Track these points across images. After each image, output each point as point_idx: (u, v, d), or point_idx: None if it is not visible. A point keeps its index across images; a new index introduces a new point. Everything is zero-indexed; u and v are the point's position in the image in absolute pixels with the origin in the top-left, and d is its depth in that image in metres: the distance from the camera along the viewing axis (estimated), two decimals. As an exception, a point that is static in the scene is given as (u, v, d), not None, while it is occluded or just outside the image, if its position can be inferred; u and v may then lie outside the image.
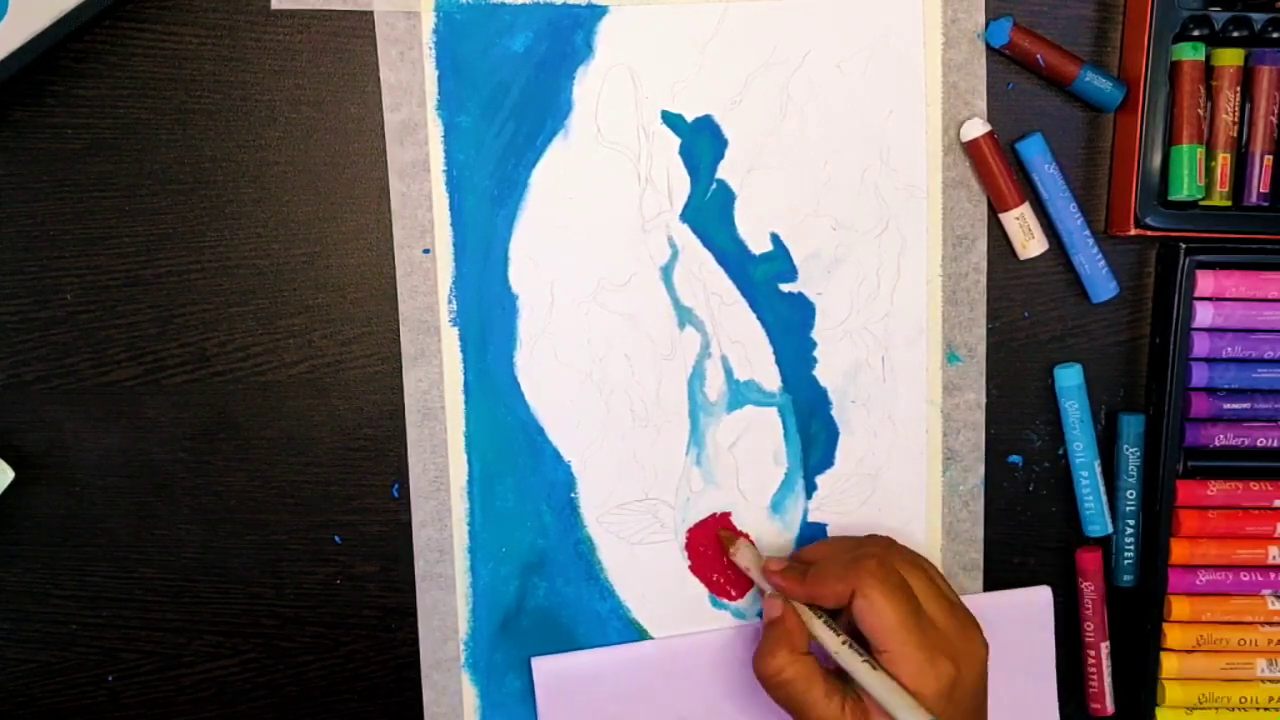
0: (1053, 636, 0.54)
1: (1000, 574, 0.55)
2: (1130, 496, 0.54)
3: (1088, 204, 0.53)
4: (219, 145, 0.49)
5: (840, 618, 0.47)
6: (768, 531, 0.53)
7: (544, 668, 0.52)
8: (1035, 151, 0.51)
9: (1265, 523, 0.53)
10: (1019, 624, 0.54)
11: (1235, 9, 0.50)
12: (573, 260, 0.51)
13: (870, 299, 0.52)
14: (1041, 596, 0.54)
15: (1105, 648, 0.54)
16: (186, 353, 0.50)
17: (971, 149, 0.51)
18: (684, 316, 0.52)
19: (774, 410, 0.53)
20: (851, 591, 0.45)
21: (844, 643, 0.45)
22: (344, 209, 0.50)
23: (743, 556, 0.51)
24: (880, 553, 0.46)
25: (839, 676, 0.46)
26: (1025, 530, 0.55)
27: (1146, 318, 0.54)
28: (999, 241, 0.53)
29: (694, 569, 0.53)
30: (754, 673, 0.47)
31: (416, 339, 0.50)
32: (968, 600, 0.53)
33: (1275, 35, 0.50)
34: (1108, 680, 0.55)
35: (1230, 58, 0.50)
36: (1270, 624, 0.53)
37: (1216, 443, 0.53)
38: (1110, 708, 0.55)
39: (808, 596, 0.47)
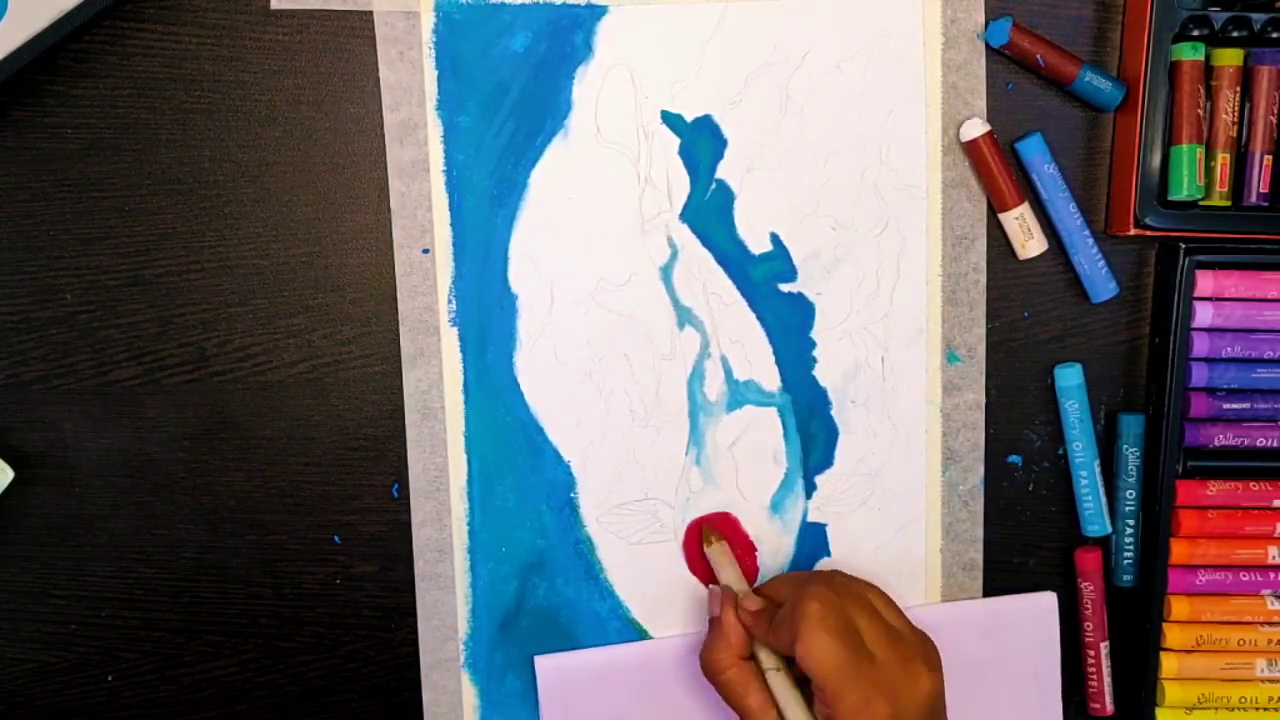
0: (1058, 642, 0.54)
1: (1000, 574, 0.55)
2: (1130, 496, 0.54)
3: (1087, 204, 0.53)
4: (219, 145, 0.49)
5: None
6: (768, 531, 0.53)
7: (546, 666, 0.52)
8: (1035, 151, 0.51)
9: (1265, 523, 0.53)
10: (1023, 630, 0.54)
11: (1235, 9, 0.50)
12: (572, 260, 0.51)
13: (870, 299, 0.52)
14: (1046, 602, 0.54)
15: (1105, 648, 0.54)
16: (186, 353, 0.50)
17: (971, 149, 0.51)
18: (683, 316, 0.52)
19: (773, 410, 0.53)
20: (793, 638, 0.45)
21: (784, 677, 0.47)
22: (344, 209, 0.50)
23: (714, 556, 0.51)
24: (820, 593, 0.46)
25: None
26: (1025, 530, 0.55)
27: (1146, 318, 0.54)
28: (999, 241, 0.53)
29: (693, 568, 0.53)
30: (699, 661, 0.49)
31: (416, 339, 0.50)
32: (971, 605, 0.54)
33: (1275, 35, 0.50)
34: (1107, 680, 0.55)
35: (1230, 58, 0.50)
36: (1270, 624, 0.53)
37: (1216, 443, 0.53)
38: (1110, 708, 0.55)
39: (770, 645, 0.48)
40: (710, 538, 0.52)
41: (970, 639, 0.53)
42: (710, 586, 0.50)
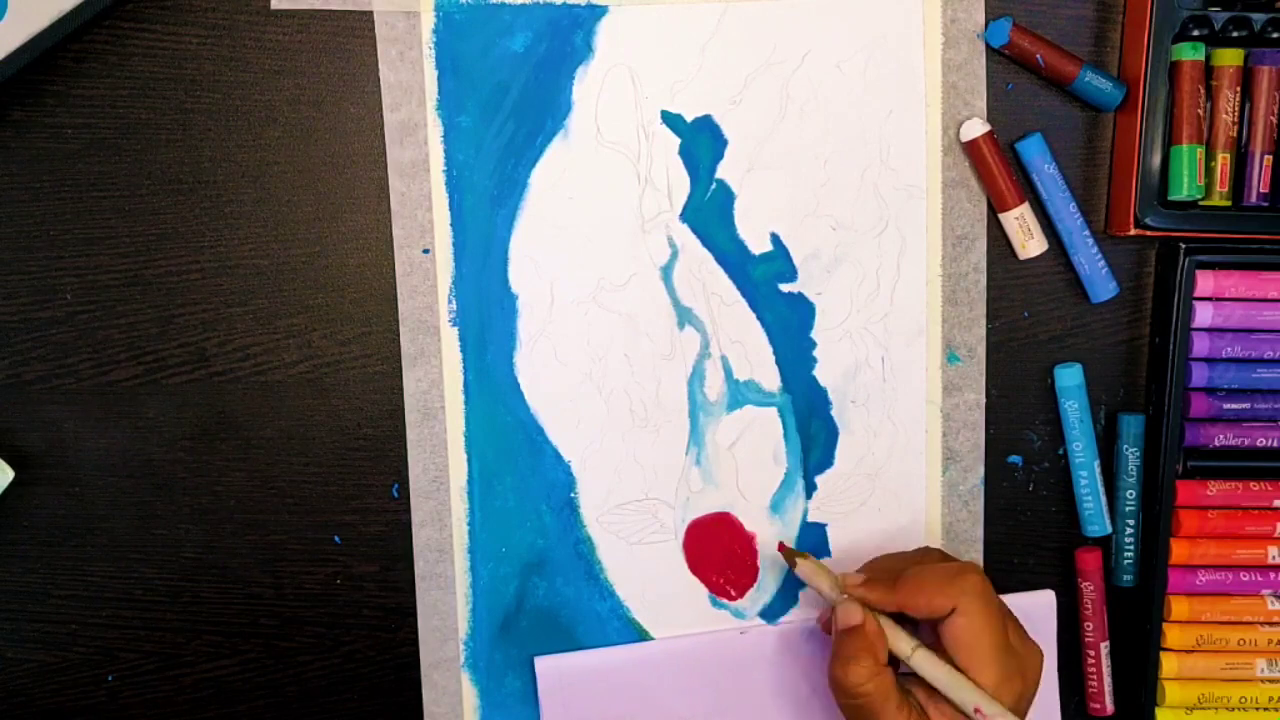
0: (1055, 640, 0.54)
1: (1000, 574, 0.55)
2: (1130, 496, 0.54)
3: (1088, 204, 0.53)
4: (219, 145, 0.49)
5: (917, 628, 0.47)
6: (768, 531, 0.53)
7: (546, 667, 0.52)
8: (1035, 151, 0.51)
9: (1265, 523, 0.53)
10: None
11: (1235, 9, 0.50)
12: (572, 260, 0.51)
13: (870, 299, 0.52)
14: (1044, 600, 0.54)
15: (1105, 648, 0.54)
16: (186, 353, 0.50)
17: (971, 149, 0.51)
18: (684, 316, 0.52)
19: (774, 410, 0.53)
20: (952, 607, 0.45)
21: (928, 651, 0.45)
22: (344, 209, 0.50)
23: (807, 570, 0.49)
24: (977, 568, 0.47)
25: (901, 687, 0.46)
26: (1025, 530, 0.55)
27: (1146, 318, 0.54)
28: (999, 241, 0.53)
29: (693, 568, 0.53)
30: (830, 680, 0.46)
31: (416, 339, 0.50)
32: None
33: (1275, 35, 0.50)
34: (1107, 680, 0.55)
35: (1230, 58, 0.50)
36: (1270, 624, 0.53)
37: (1216, 443, 0.53)
38: (1110, 708, 0.55)
39: (898, 606, 0.46)
40: (794, 558, 0.50)
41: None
42: (837, 599, 0.48)
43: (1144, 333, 0.54)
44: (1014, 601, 0.54)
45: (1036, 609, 0.54)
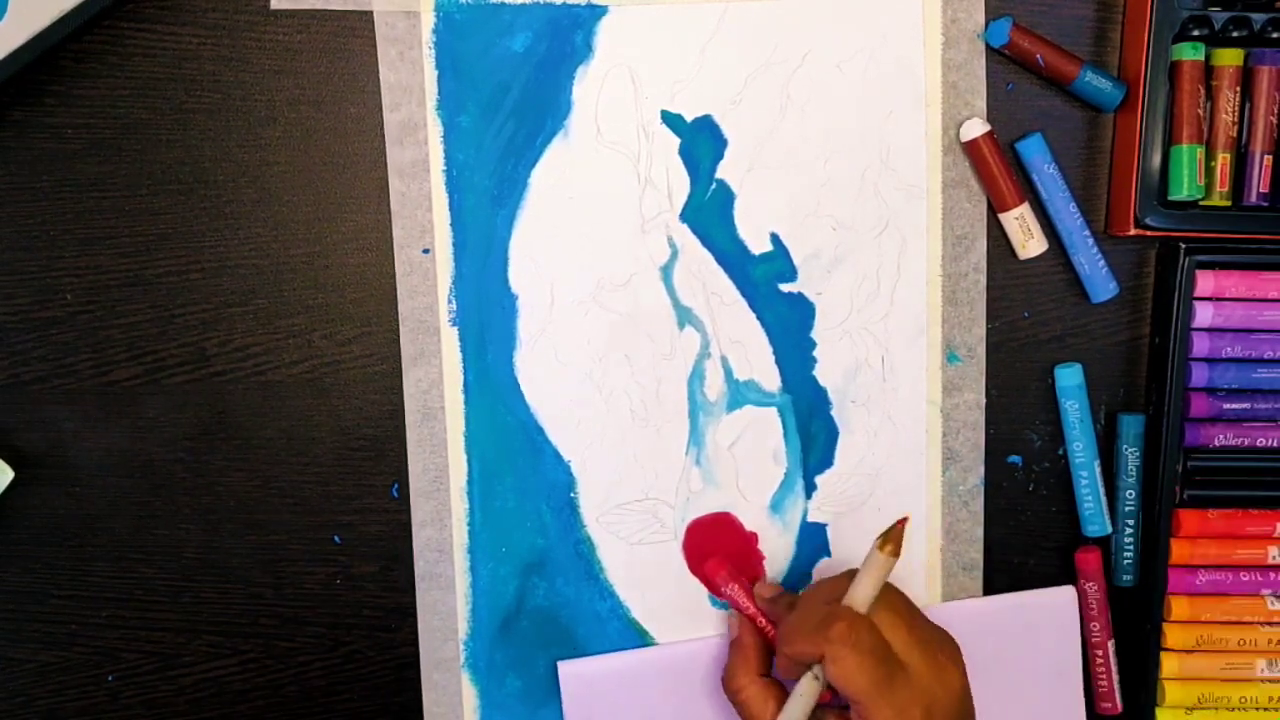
0: (1078, 637, 0.54)
1: (1000, 574, 0.55)
2: (1130, 496, 0.54)
3: (1088, 204, 0.53)
4: (219, 145, 0.49)
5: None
6: (768, 531, 0.53)
7: (569, 671, 0.52)
8: (1035, 151, 0.51)
9: (1265, 523, 0.53)
10: (1043, 625, 0.54)
11: (1235, 9, 0.50)
12: (572, 260, 0.51)
13: (870, 299, 0.52)
14: (1065, 596, 0.54)
15: (1111, 646, 0.54)
16: (186, 353, 0.50)
17: (971, 149, 0.51)
18: (684, 316, 0.52)
19: (774, 410, 0.53)
20: (821, 654, 0.44)
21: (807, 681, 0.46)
22: (344, 209, 0.50)
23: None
24: (847, 611, 0.45)
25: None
26: (1025, 530, 0.55)
27: (1146, 318, 0.54)
28: (999, 241, 0.53)
29: (694, 570, 0.53)
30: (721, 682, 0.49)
31: (416, 339, 0.50)
32: (988, 602, 0.54)
33: (1275, 35, 0.50)
34: (1116, 679, 0.54)
35: (1230, 58, 0.50)
36: (1270, 624, 0.53)
37: (1216, 443, 0.53)
38: (1119, 706, 0.55)
39: (795, 657, 0.46)
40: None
41: (991, 636, 0.53)
42: (728, 613, 0.51)
43: (1144, 333, 0.54)
44: (1034, 599, 0.54)
45: (1057, 606, 0.54)
